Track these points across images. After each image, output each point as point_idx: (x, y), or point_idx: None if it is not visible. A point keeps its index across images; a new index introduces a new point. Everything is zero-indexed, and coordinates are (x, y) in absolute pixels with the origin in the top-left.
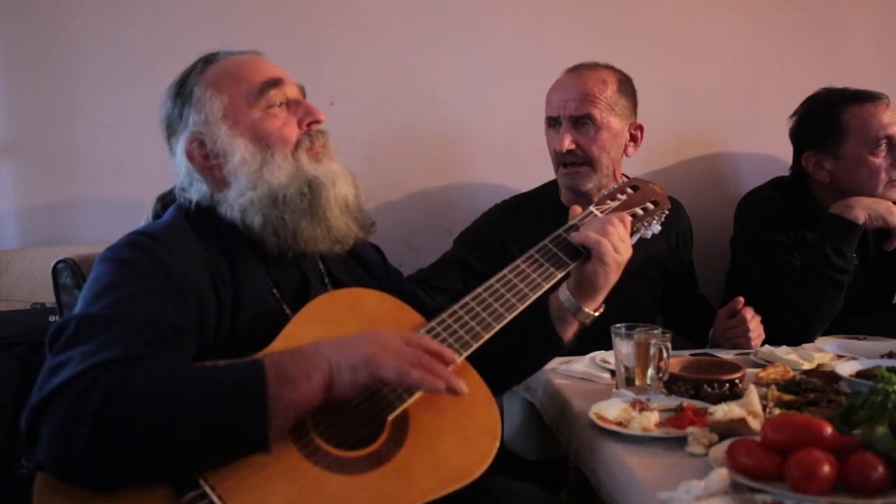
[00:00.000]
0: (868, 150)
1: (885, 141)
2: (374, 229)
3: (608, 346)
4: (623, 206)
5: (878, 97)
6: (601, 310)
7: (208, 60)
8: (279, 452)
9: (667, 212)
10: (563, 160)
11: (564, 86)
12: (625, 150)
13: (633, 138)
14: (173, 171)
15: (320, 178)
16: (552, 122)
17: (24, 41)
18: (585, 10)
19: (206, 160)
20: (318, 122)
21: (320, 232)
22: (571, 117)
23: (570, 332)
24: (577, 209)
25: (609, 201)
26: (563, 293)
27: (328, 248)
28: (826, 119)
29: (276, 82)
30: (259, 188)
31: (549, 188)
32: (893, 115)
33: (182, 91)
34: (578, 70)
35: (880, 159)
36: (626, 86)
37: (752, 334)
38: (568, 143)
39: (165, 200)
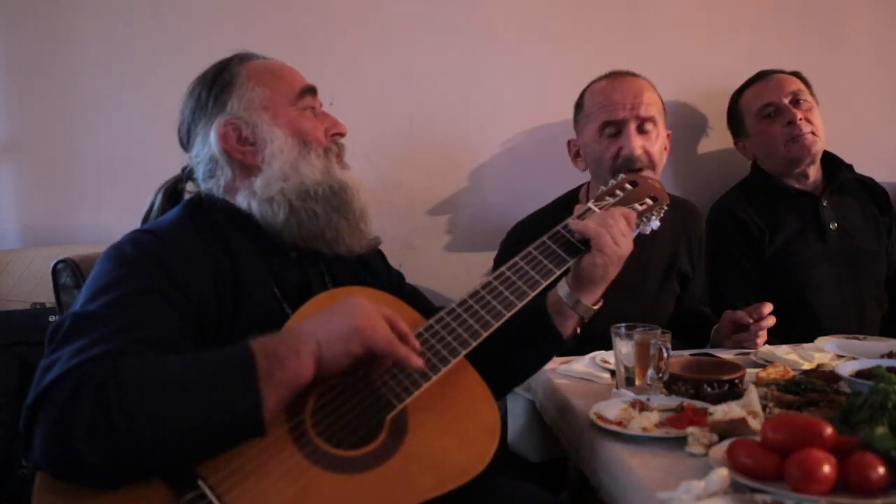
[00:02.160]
0: (758, 122)
1: (769, 108)
2: (378, 242)
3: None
4: (622, 203)
5: (766, 74)
6: (600, 303)
7: (243, 58)
8: (278, 452)
9: (665, 207)
10: (630, 165)
11: (624, 88)
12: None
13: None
14: (193, 160)
15: (348, 182)
16: (609, 128)
17: (24, 41)
18: (586, 11)
19: (240, 145)
20: (341, 134)
21: (346, 231)
22: (638, 118)
23: (569, 326)
24: (579, 207)
25: (608, 197)
26: (562, 287)
27: (345, 250)
28: (732, 112)
29: (312, 89)
30: (291, 180)
31: (567, 200)
32: (779, 82)
33: (220, 77)
34: (623, 75)
35: (770, 125)
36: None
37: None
38: (640, 148)
39: (167, 192)
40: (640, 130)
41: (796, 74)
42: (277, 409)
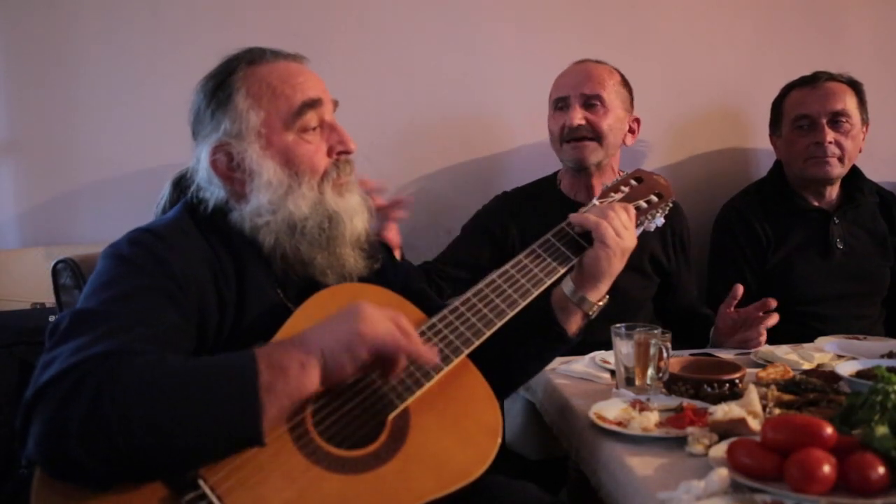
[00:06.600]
0: (791, 130)
1: (804, 120)
2: (379, 262)
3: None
4: (626, 199)
5: (815, 79)
6: (605, 300)
7: (252, 61)
8: (278, 451)
9: (671, 204)
10: (571, 135)
11: (575, 71)
12: (624, 139)
13: (632, 129)
14: (192, 164)
15: (341, 213)
16: (559, 104)
17: (25, 41)
18: (586, 11)
19: (231, 172)
20: (348, 152)
21: (331, 266)
22: (582, 96)
23: (573, 323)
24: (584, 209)
25: (612, 193)
26: (566, 284)
27: (335, 281)
28: (776, 105)
29: (314, 103)
30: (279, 213)
31: (549, 181)
32: (825, 96)
33: (219, 92)
34: (585, 62)
35: (800, 137)
36: (626, 83)
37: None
38: (579, 119)
39: (175, 183)
40: (586, 106)
41: (852, 84)
42: (278, 419)
